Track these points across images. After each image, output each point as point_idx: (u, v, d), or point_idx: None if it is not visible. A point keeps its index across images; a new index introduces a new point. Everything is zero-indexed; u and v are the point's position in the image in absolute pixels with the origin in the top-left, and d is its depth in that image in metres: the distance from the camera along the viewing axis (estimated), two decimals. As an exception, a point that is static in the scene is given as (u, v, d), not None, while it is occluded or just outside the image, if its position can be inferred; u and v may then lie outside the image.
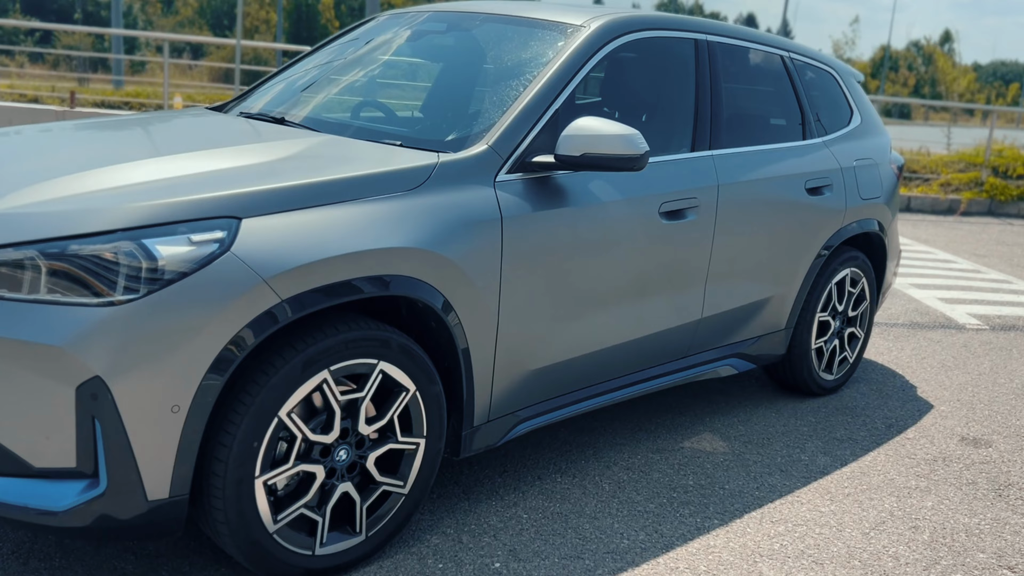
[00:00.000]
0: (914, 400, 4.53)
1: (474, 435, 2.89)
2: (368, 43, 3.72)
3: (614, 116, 3.48)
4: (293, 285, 2.25)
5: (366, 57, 3.63)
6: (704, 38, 3.66)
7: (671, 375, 3.64)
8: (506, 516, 3.02)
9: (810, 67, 4.32)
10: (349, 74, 3.57)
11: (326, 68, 3.66)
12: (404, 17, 3.79)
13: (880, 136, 4.68)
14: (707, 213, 3.47)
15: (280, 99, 3.51)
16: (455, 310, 2.65)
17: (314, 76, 3.63)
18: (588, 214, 3.02)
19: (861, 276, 4.48)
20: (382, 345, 2.50)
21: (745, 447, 3.77)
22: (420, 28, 3.66)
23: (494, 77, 3.24)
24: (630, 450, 3.64)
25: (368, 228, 2.44)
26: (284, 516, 2.41)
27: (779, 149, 3.95)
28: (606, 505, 3.16)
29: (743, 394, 4.41)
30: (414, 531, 2.87)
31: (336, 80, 3.55)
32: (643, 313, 3.34)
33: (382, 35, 3.73)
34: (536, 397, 3.09)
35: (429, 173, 2.67)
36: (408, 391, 2.61)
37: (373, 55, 3.63)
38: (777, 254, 3.90)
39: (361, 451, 2.57)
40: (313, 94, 3.48)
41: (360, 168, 2.58)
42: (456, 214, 2.65)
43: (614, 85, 3.55)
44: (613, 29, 3.28)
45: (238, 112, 3.48)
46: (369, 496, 2.61)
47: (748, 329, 3.93)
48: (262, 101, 3.55)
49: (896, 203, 4.70)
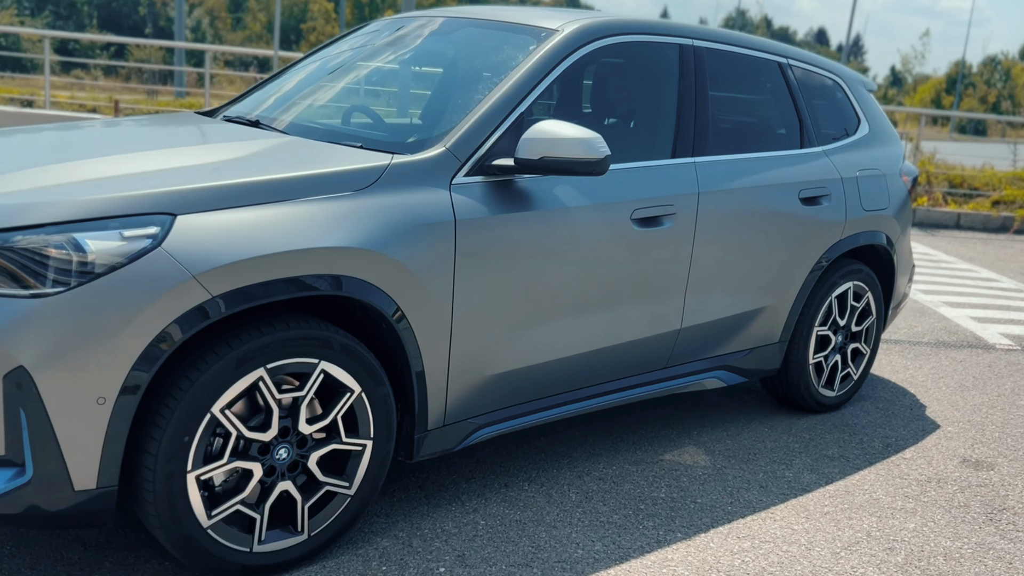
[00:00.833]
0: (920, 420, 4.38)
1: (427, 439, 2.88)
2: (354, 49, 3.75)
3: (591, 121, 3.45)
4: (225, 282, 2.27)
5: (350, 63, 3.67)
6: (690, 43, 3.61)
7: (650, 386, 3.58)
8: (463, 522, 3.00)
9: (812, 74, 4.22)
10: (331, 79, 3.61)
11: (312, 74, 3.71)
12: (391, 22, 3.82)
13: (890, 146, 4.55)
14: (685, 221, 3.41)
15: (261, 103, 3.56)
16: (403, 312, 2.65)
17: (299, 81, 3.68)
18: (552, 219, 3.00)
19: (866, 290, 4.35)
20: (323, 345, 2.51)
21: (728, 462, 3.69)
22: (404, 33, 3.69)
23: (464, 81, 3.24)
24: (606, 461, 3.59)
25: (309, 227, 2.46)
26: (219, 512, 2.42)
27: (771, 157, 3.86)
28: (568, 515, 3.11)
29: (738, 408, 4.32)
30: (364, 533, 2.87)
31: (317, 85, 3.59)
32: (614, 321, 3.29)
33: (369, 41, 3.76)
34: (498, 403, 3.07)
35: (380, 174, 2.68)
36: (353, 392, 2.61)
37: (356, 61, 3.67)
38: (767, 265, 3.81)
39: (303, 450, 2.58)
40: (293, 98, 3.52)
41: (308, 168, 2.60)
42: (406, 215, 2.65)
43: (591, 90, 3.52)
44: (588, 33, 3.26)
45: (222, 116, 3.55)
46: (312, 496, 2.61)
47: (737, 341, 3.85)
48: (246, 105, 3.61)
49: (907, 215, 4.55)
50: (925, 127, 14.89)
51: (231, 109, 3.65)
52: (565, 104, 3.35)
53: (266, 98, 3.64)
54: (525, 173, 2.89)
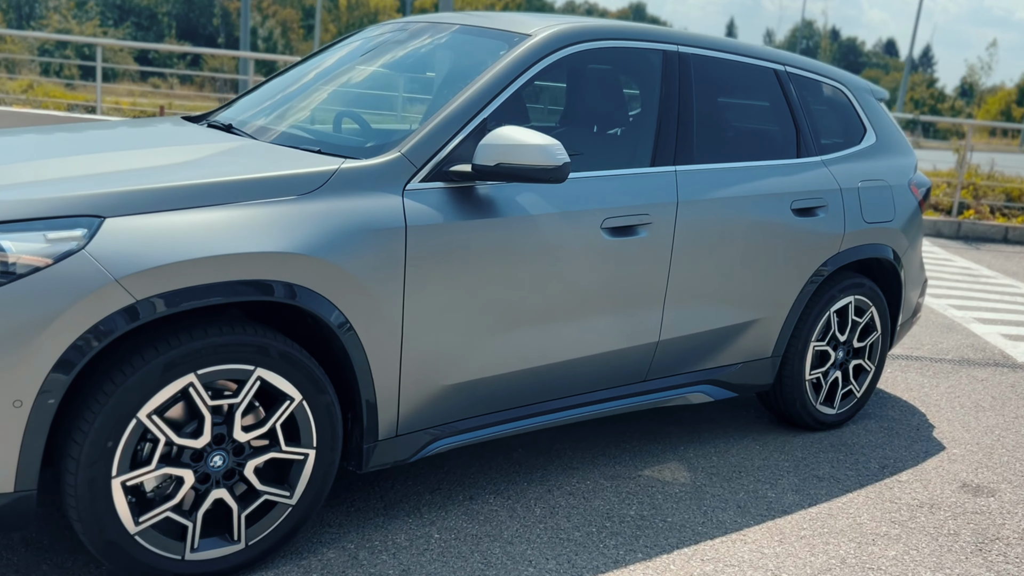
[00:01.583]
0: (925, 441, 4.19)
1: (378, 449, 2.81)
2: (340, 56, 3.72)
3: (566, 127, 3.36)
4: (150, 286, 2.24)
5: (334, 69, 3.62)
6: (675, 49, 3.50)
7: (629, 399, 3.47)
8: (416, 535, 2.93)
9: (812, 82, 4.07)
10: (313, 84, 3.57)
11: (298, 80, 3.68)
12: (379, 28, 3.79)
13: (900, 157, 4.37)
14: (662, 231, 3.30)
15: (247, 108, 3.52)
16: (348, 319, 2.60)
17: (284, 87, 3.65)
18: (514, 226, 2.92)
19: (869, 305, 4.17)
20: (259, 351, 2.46)
21: (709, 479, 3.56)
22: (387, 39, 3.64)
23: (432, 86, 3.18)
24: (581, 475, 3.49)
25: (244, 232, 2.41)
26: (147, 518, 2.39)
27: (762, 167, 3.72)
28: (529, 530, 3.02)
29: (732, 424, 4.17)
30: (311, 543, 2.82)
31: (299, 91, 3.56)
32: (585, 332, 3.19)
33: (357, 47, 3.73)
34: (458, 413, 3.00)
35: (326, 179, 2.63)
36: (293, 400, 2.56)
37: (340, 67, 3.63)
38: (756, 277, 3.67)
39: (240, 458, 2.53)
40: (274, 104, 3.49)
41: (250, 172, 2.56)
42: (352, 221, 2.60)
43: (567, 96, 3.43)
44: (561, 39, 3.17)
45: (206, 121, 3.53)
46: (250, 504, 2.57)
47: (724, 355, 3.71)
48: (234, 110, 3.58)
49: (916, 228, 4.36)
50: (995, 139, 14.42)
51: (220, 114, 3.63)
52: (538, 110, 3.26)
53: (254, 103, 3.61)
54: (483, 180, 2.82)
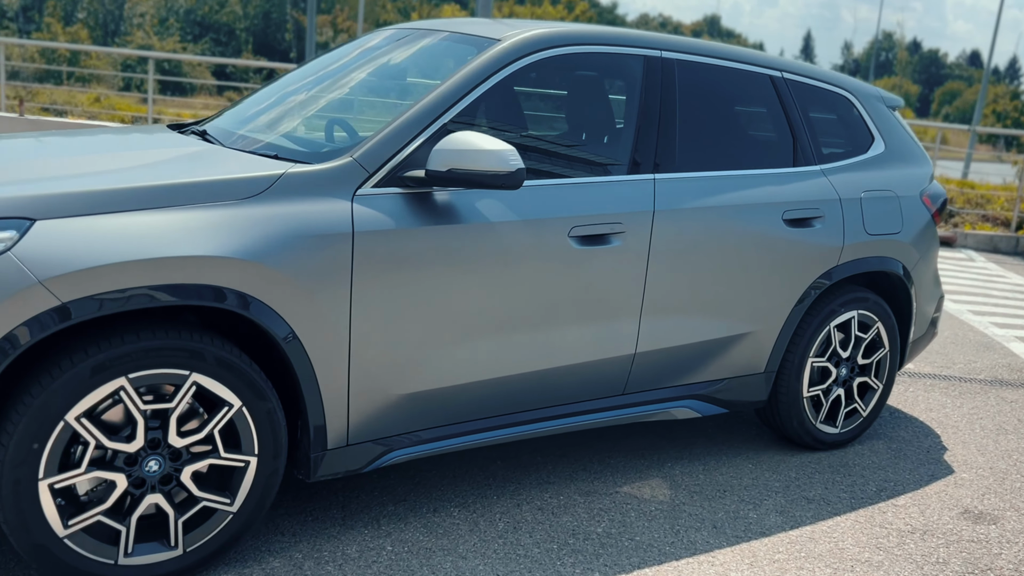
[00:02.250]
0: (933, 464, 3.98)
1: (327, 458, 2.78)
2: (328, 63, 3.72)
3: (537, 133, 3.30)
4: (76, 288, 2.25)
5: (321, 75, 3.62)
6: (657, 54, 3.40)
7: (605, 412, 3.38)
8: (369, 546, 2.89)
9: (813, 89, 3.91)
10: (298, 91, 3.57)
11: (286, 85, 3.68)
12: (373, 35, 3.78)
13: (912, 167, 4.18)
14: (637, 240, 3.20)
15: (233, 115, 3.53)
16: (290, 325, 2.57)
17: (272, 93, 3.65)
18: (472, 233, 2.86)
19: (875, 321, 3.99)
20: (193, 356, 2.46)
21: (690, 497, 3.43)
22: (372, 46, 3.63)
23: (400, 91, 3.15)
24: (555, 490, 3.40)
25: (178, 235, 2.41)
26: (77, 522, 2.40)
27: (751, 175, 3.59)
28: (486, 545, 2.95)
29: (727, 441, 4.03)
30: (259, 551, 2.80)
31: (283, 97, 3.56)
32: (552, 343, 3.11)
33: (344, 54, 3.72)
34: (415, 424, 2.95)
35: (270, 183, 2.62)
36: (232, 406, 2.55)
37: (325, 75, 3.62)
38: (744, 289, 3.54)
39: (177, 463, 2.53)
40: (256, 111, 3.49)
41: (193, 176, 2.57)
42: (295, 226, 2.58)
43: (540, 102, 3.36)
44: (532, 44, 3.11)
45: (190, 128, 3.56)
46: (187, 510, 2.56)
47: (711, 369, 3.59)
48: (220, 117, 3.60)
49: (928, 241, 4.16)
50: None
51: (208, 122, 3.65)
52: (508, 116, 3.21)
53: (243, 110, 3.62)
54: (436, 185, 2.78)
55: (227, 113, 3.61)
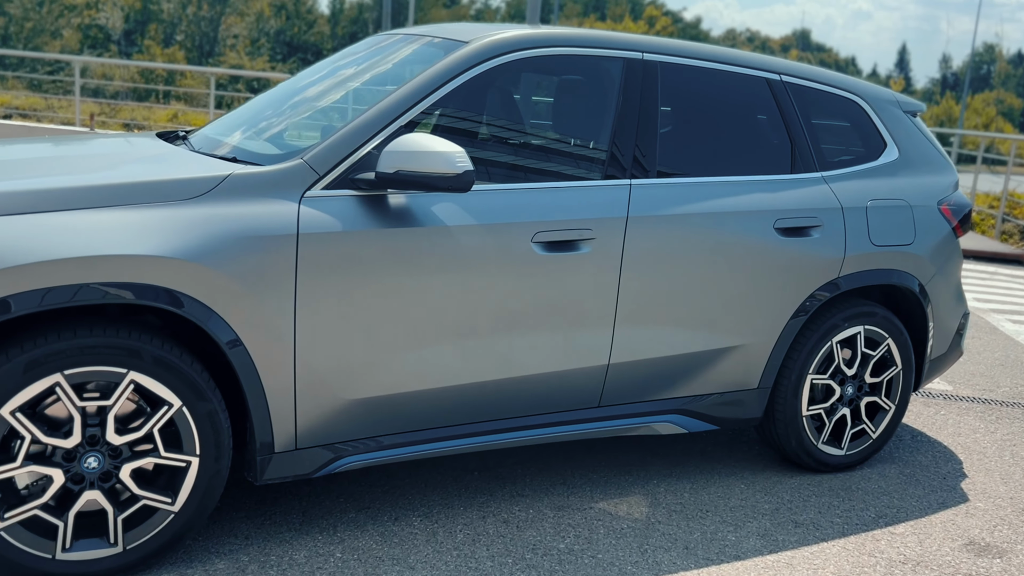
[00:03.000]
0: (947, 491, 3.73)
1: (273, 462, 2.77)
2: (317, 70, 3.75)
3: (505, 137, 3.24)
4: (8, 285, 2.29)
5: (306, 83, 3.64)
6: (639, 56, 3.31)
7: (580, 424, 3.28)
8: (319, 552, 2.86)
9: (817, 93, 3.74)
10: (284, 98, 3.59)
11: (274, 93, 3.72)
12: (362, 43, 3.80)
13: (929, 175, 3.95)
14: (609, 247, 3.11)
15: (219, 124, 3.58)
16: (230, 327, 2.57)
17: (260, 101, 3.70)
18: (427, 237, 2.82)
19: (884, 337, 3.78)
20: (131, 355, 2.48)
21: (667, 516, 3.30)
22: (359, 53, 3.65)
23: (366, 96, 3.14)
24: (527, 503, 3.31)
25: (118, 234, 2.44)
26: (14, 515, 2.44)
27: (740, 182, 3.45)
28: (440, 557, 2.89)
29: (725, 459, 3.87)
30: (206, 552, 2.79)
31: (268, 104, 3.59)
32: (516, 351, 3.04)
33: (331, 61, 3.75)
34: (371, 430, 2.91)
35: (214, 184, 2.63)
36: (172, 405, 2.56)
37: (311, 81, 3.65)
38: (730, 300, 3.39)
39: (117, 461, 2.55)
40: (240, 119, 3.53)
41: (136, 176, 2.60)
42: (238, 227, 2.59)
43: (509, 105, 3.30)
44: (498, 47, 3.06)
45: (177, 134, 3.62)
46: (127, 508, 2.58)
47: (697, 384, 3.45)
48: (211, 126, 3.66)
49: (946, 253, 3.92)
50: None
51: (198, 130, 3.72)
52: (473, 119, 3.16)
53: (234, 117, 3.68)
54: (385, 188, 2.75)
55: (217, 121, 3.67)
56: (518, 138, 3.33)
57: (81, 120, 11.74)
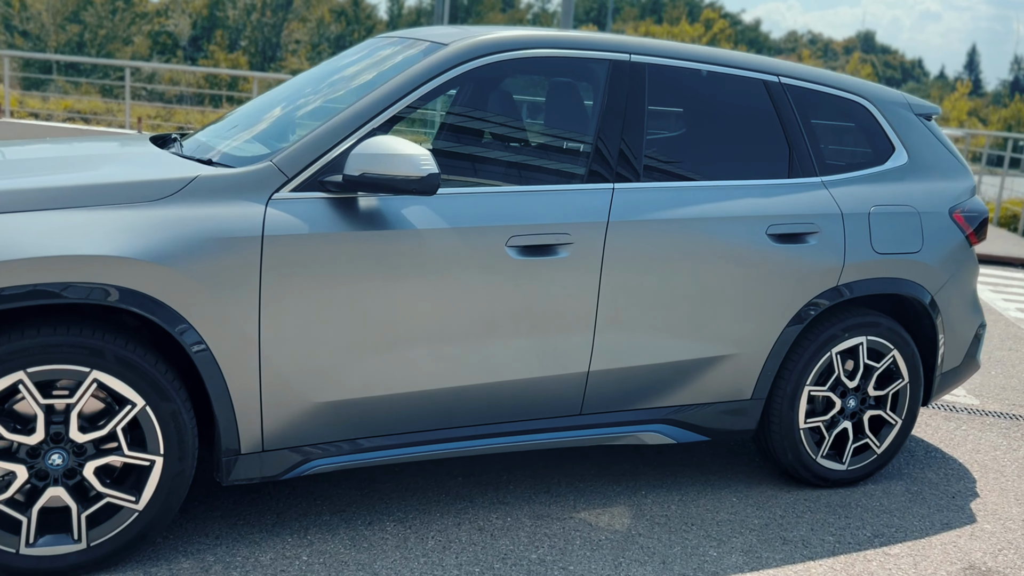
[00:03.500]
0: (954, 511, 3.58)
1: (240, 463, 2.77)
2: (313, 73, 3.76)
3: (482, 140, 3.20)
4: None
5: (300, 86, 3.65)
6: (626, 58, 3.24)
7: (560, 432, 3.23)
8: (286, 554, 2.86)
9: (818, 95, 3.63)
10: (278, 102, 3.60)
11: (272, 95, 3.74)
12: (360, 45, 3.80)
13: (942, 180, 3.80)
14: (587, 252, 3.05)
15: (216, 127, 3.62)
16: (194, 328, 2.59)
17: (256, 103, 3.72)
18: (394, 240, 2.80)
19: (890, 349, 3.64)
20: (93, 354, 2.51)
21: (650, 529, 3.22)
22: (356, 55, 3.65)
23: (346, 99, 3.13)
24: (507, 510, 3.27)
25: (81, 234, 2.47)
26: (-25, 509, 2.49)
27: (730, 186, 3.36)
28: (406, 564, 2.86)
29: (722, 472, 3.77)
30: (173, 551, 2.81)
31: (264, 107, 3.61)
32: (491, 356, 3.00)
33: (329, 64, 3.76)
34: (341, 434, 2.90)
35: (181, 186, 2.65)
36: (135, 405, 2.58)
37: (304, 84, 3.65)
38: (718, 308, 3.31)
39: (81, 459, 2.58)
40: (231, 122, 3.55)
41: (107, 177, 2.63)
42: (202, 229, 2.60)
43: (489, 107, 3.26)
44: (478, 49, 3.03)
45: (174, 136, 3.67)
46: (91, 505, 2.61)
47: (685, 393, 3.37)
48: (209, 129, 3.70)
49: (962, 263, 3.76)
50: None
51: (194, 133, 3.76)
52: (450, 121, 3.13)
53: (228, 121, 3.71)
54: (353, 190, 2.74)
55: (213, 124, 3.70)
56: (497, 141, 3.29)
57: (131, 123, 12.07)
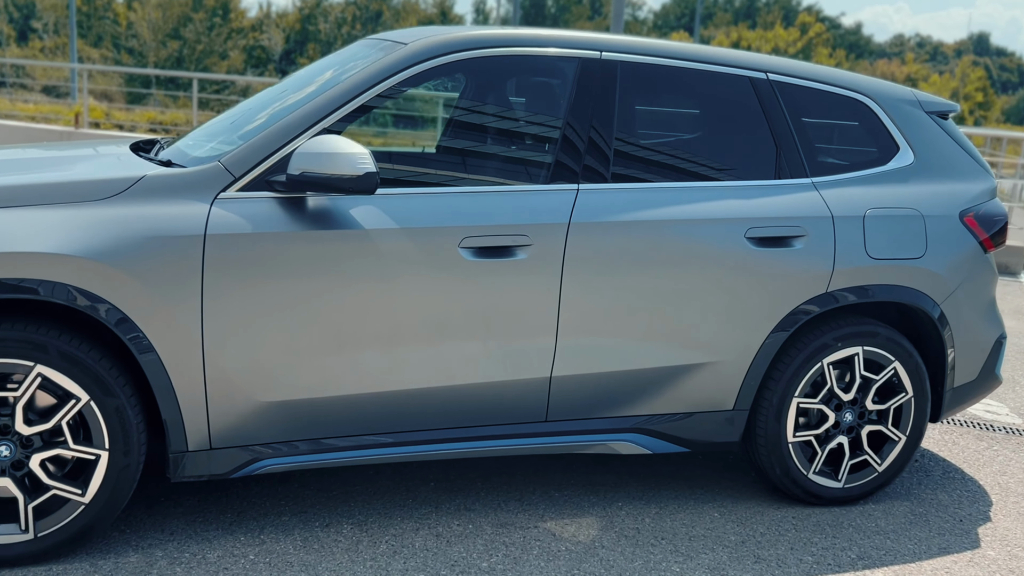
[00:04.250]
0: (957, 536, 3.34)
1: (187, 460, 2.80)
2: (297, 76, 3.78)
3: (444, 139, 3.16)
4: None
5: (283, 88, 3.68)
6: (596, 55, 3.16)
7: (524, 439, 3.15)
8: (234, 553, 2.87)
9: (812, 92, 3.45)
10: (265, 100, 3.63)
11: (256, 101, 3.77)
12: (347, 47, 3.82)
13: (950, 182, 3.57)
14: (547, 254, 2.98)
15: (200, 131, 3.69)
16: (137, 325, 2.63)
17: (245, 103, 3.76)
18: (341, 240, 2.80)
19: (890, 360, 3.43)
20: (36, 349, 2.57)
21: (616, 541, 3.11)
22: (337, 57, 3.66)
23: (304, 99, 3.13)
24: (471, 517, 3.21)
25: (24, 232, 2.54)
26: (-75, 496, 2.58)
27: (707, 188, 3.23)
28: (350, 567, 2.84)
29: (709, 486, 3.61)
30: (123, 545, 2.85)
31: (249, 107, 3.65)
32: (447, 359, 2.96)
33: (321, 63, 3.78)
34: (292, 434, 2.91)
35: (127, 186, 2.70)
36: (79, 399, 2.64)
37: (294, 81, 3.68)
38: (693, 313, 3.18)
39: (28, 451, 2.65)
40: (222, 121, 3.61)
41: (55, 177, 2.71)
42: (146, 228, 2.64)
43: (456, 107, 3.22)
44: (434, 48, 3.00)
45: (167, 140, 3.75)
46: (38, 496, 2.67)
47: (660, 402, 3.25)
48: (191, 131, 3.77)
49: (973, 270, 3.52)
50: None
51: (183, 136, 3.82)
52: (405, 121, 3.11)
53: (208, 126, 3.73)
54: (295, 190, 2.74)
55: (200, 128, 3.78)
56: (456, 141, 3.25)
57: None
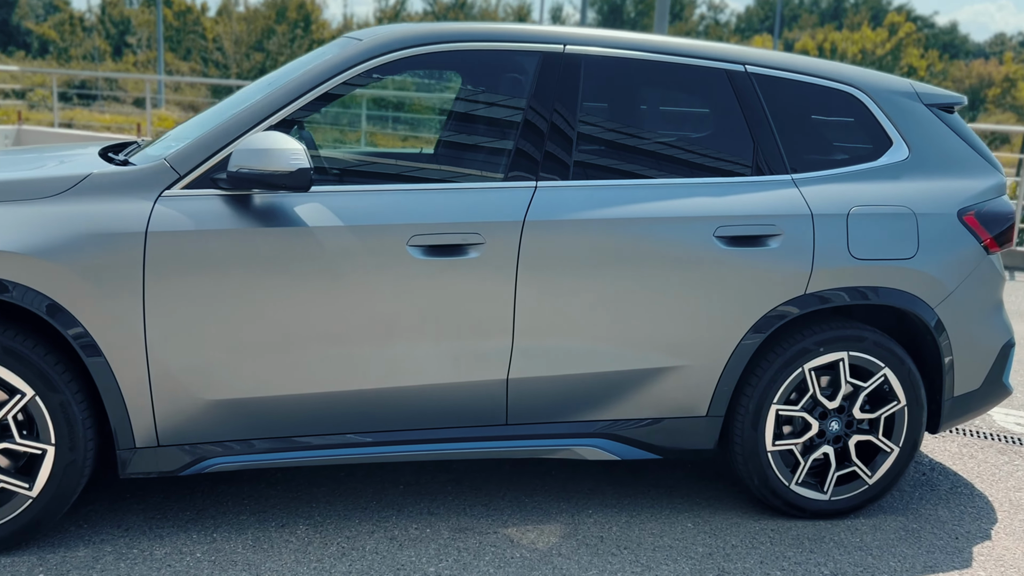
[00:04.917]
0: (950, 554, 3.13)
1: (135, 457, 2.82)
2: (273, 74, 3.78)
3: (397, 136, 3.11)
4: None
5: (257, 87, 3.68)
6: (559, 49, 3.07)
7: (483, 443, 3.08)
8: (182, 550, 2.88)
9: (793, 84, 3.28)
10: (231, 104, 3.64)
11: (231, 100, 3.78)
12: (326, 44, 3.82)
13: (949, 178, 3.35)
14: (500, 253, 2.90)
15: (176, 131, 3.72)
16: (79, 321, 2.66)
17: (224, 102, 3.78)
18: (287, 238, 2.78)
19: (879, 367, 3.24)
20: (-20, 344, 2.63)
21: (574, 550, 3.01)
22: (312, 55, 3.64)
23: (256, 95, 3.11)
24: (431, 521, 3.15)
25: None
26: None
27: (674, 185, 3.10)
28: (293, 568, 2.81)
29: (690, 495, 3.47)
30: (74, 539, 2.89)
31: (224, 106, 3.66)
32: (397, 360, 2.91)
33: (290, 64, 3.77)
34: (241, 433, 2.90)
35: (72, 184, 2.74)
36: (24, 394, 2.68)
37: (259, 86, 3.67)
38: (658, 315, 3.05)
39: (-24, 444, 2.71)
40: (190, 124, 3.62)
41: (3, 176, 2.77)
42: (89, 225, 2.68)
43: (414, 103, 3.16)
44: (386, 45, 2.97)
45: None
46: (-15, 489, 2.73)
47: (628, 407, 3.13)
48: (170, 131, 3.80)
49: (971, 271, 3.30)
50: None
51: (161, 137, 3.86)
52: (356, 118, 3.07)
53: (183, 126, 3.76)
54: (234, 187, 2.74)
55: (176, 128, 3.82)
56: (413, 137, 3.19)
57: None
